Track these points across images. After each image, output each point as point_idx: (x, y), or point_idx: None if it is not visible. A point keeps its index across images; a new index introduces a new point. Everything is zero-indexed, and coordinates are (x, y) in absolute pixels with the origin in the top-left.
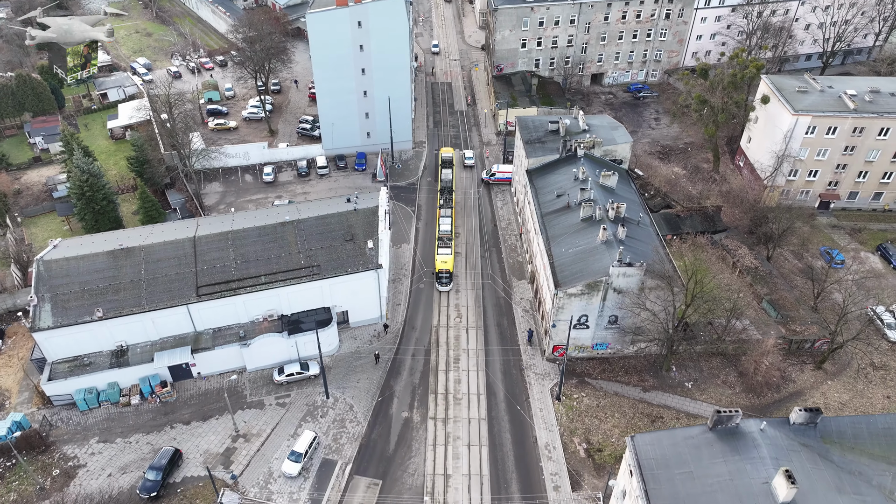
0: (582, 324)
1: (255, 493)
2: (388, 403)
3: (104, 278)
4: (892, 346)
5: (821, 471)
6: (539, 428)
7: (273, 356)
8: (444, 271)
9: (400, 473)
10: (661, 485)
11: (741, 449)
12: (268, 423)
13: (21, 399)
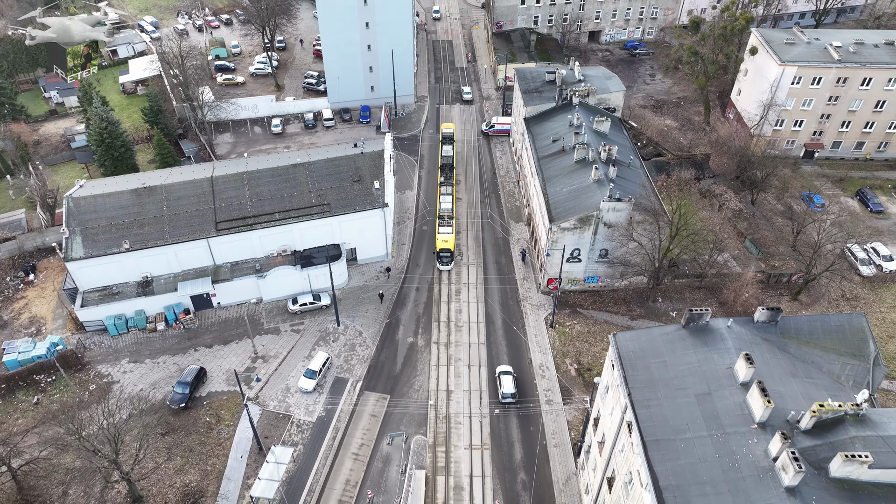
0: (574, 257)
1: (275, 406)
2: (394, 330)
3: (129, 214)
4: (864, 280)
5: (778, 359)
6: (534, 351)
7: (287, 288)
8: (444, 250)
9: (406, 389)
10: (638, 372)
11: (710, 342)
12: (284, 347)
13: (56, 325)
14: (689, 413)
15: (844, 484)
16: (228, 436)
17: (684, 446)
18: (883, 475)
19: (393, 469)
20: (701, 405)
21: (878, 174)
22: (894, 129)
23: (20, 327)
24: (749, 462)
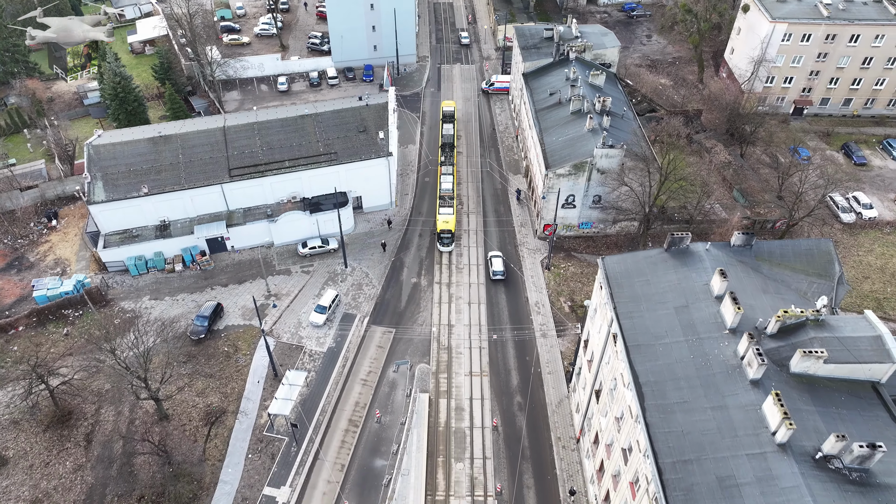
0: (569, 203)
1: (288, 338)
2: (398, 272)
3: (146, 161)
4: (844, 227)
5: (751, 278)
6: (530, 290)
7: (297, 233)
8: (445, 231)
9: (410, 324)
10: (623, 290)
11: (689, 263)
12: (295, 286)
13: (79, 266)
14: (667, 322)
15: (803, 378)
16: (246, 363)
17: (662, 350)
18: (837, 370)
19: (399, 393)
20: (679, 316)
21: (865, 130)
22: (881, 86)
23: (46, 268)
24: (720, 361)
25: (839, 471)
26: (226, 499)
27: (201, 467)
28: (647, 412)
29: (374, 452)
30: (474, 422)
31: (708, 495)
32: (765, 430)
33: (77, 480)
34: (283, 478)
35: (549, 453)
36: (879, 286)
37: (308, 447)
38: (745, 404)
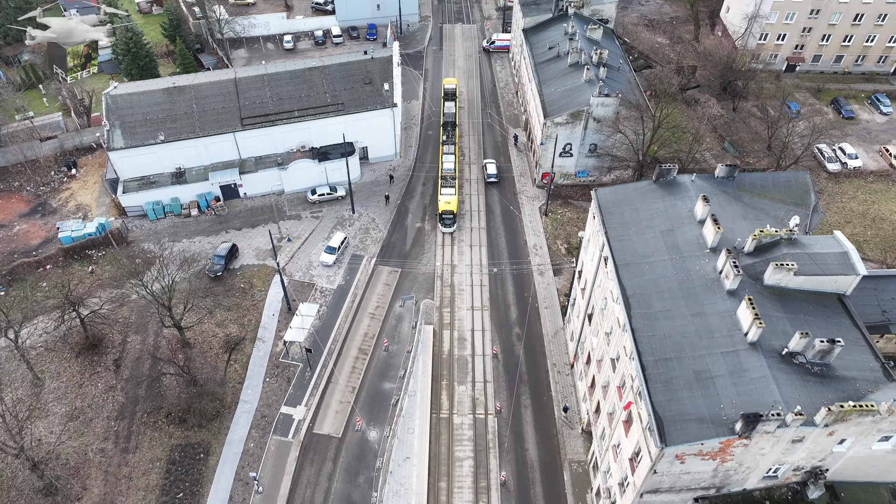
0: (566, 152)
1: (300, 276)
2: (403, 217)
3: (162, 110)
4: (829, 176)
5: (733, 206)
6: (528, 234)
7: (306, 180)
8: (447, 212)
9: (415, 264)
10: (614, 217)
11: (675, 192)
12: (305, 230)
13: (99, 211)
14: (654, 244)
15: (775, 290)
16: (261, 298)
17: (648, 267)
18: (806, 282)
19: (405, 325)
20: (664, 238)
21: (855, 86)
22: (871, 43)
23: (68, 213)
24: (700, 276)
25: (802, 365)
26: (246, 416)
27: (223, 388)
28: (634, 320)
29: (383, 377)
30: (475, 350)
31: (685, 386)
32: (738, 332)
33: (109, 399)
34: (299, 398)
35: (544, 378)
36: (860, 230)
37: (321, 372)
38: (722, 311)
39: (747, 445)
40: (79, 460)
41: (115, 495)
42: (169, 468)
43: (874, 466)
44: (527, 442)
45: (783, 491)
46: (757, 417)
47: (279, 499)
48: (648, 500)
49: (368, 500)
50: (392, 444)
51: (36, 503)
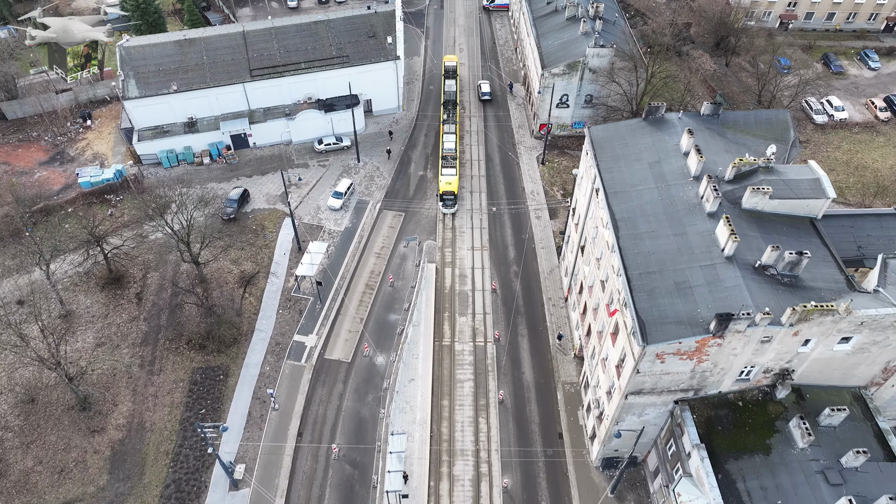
0: (563, 103)
1: (309, 219)
2: (406, 166)
3: (174, 61)
4: (816, 127)
5: (717, 141)
6: (526, 181)
7: (313, 131)
8: (448, 193)
9: (418, 209)
10: (605, 151)
11: (663, 129)
12: (313, 177)
13: (115, 160)
14: (642, 174)
15: (752, 214)
16: (272, 239)
17: (636, 195)
18: (781, 205)
19: (409, 263)
20: (652, 169)
21: (846, 43)
22: (862, 0)
23: (86, 161)
24: (683, 201)
25: (773, 276)
26: (262, 343)
27: (239, 319)
28: (621, 240)
29: (389, 309)
30: (475, 286)
31: (666, 294)
32: (716, 248)
33: (133, 328)
34: (310, 328)
35: (540, 310)
36: (843, 177)
37: (331, 305)
38: (702, 231)
39: (721, 345)
40: (108, 381)
41: (143, 411)
42: (191, 388)
43: (836, 370)
44: (523, 366)
45: (754, 393)
46: (729, 317)
47: (294, 415)
48: (633, 401)
49: (377, 416)
50: (398, 367)
51: (72, 417)
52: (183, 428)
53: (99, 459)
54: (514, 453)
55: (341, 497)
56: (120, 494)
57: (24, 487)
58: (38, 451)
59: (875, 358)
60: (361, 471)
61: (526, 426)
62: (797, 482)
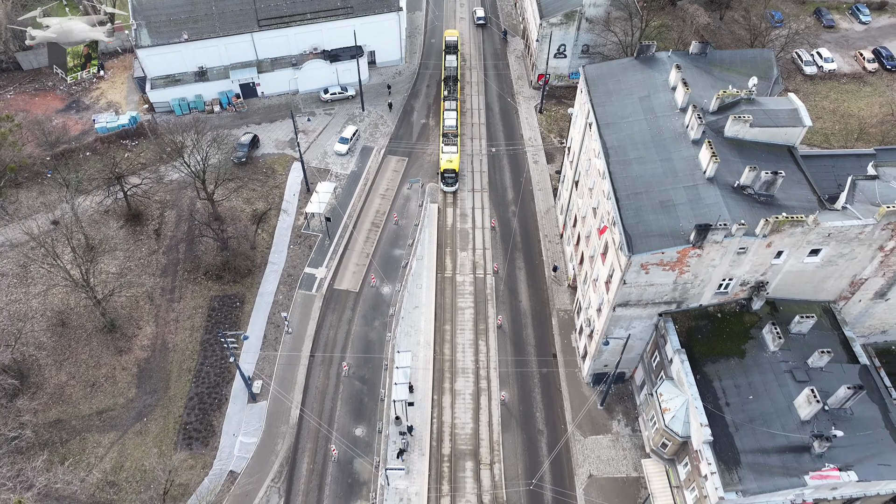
0: (560, 53)
1: (316, 164)
2: (409, 114)
3: (184, 11)
4: (806, 78)
5: (704, 78)
6: (524, 128)
7: (319, 81)
8: (449, 171)
9: (420, 154)
10: (598, 87)
11: (653, 66)
12: (320, 125)
13: (129, 108)
14: (632, 107)
15: (734, 141)
16: (282, 180)
17: (626, 126)
18: (760, 133)
19: (412, 204)
20: (642, 103)
21: None
22: None
23: (100, 109)
24: (670, 130)
25: (751, 195)
26: (274, 274)
27: (253, 252)
28: (611, 166)
29: (394, 245)
30: (475, 224)
31: (651, 212)
32: (698, 171)
33: (152, 261)
34: (320, 261)
35: (537, 246)
36: (829, 124)
37: (339, 241)
38: (686, 156)
39: (700, 256)
40: (132, 307)
41: (165, 333)
42: (210, 313)
43: (807, 283)
44: (520, 295)
45: (732, 306)
46: (707, 227)
47: (306, 338)
48: (620, 313)
49: (383, 339)
50: (403, 296)
51: (100, 338)
52: (203, 348)
53: (127, 375)
54: (511, 371)
55: (351, 409)
56: (147, 405)
57: (59, 398)
58: (70, 367)
59: (842, 271)
60: (370, 386)
61: (522, 348)
62: (767, 380)
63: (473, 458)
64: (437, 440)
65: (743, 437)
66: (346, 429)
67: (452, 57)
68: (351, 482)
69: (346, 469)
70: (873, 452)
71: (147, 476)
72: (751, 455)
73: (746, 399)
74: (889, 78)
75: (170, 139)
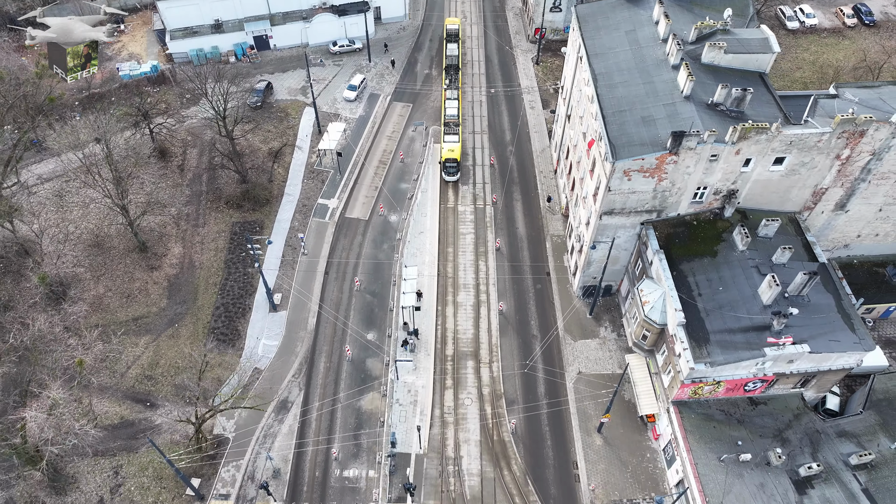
0: (556, 6)
1: (326, 109)
2: (413, 65)
3: None
4: (788, 32)
5: (685, 15)
6: (522, 78)
7: (328, 34)
8: (450, 160)
9: (423, 101)
10: (588, 24)
11: (639, 4)
12: (329, 74)
13: (150, 59)
14: (619, 40)
15: (710, 67)
16: (295, 122)
17: (613, 55)
18: (734, 59)
19: (417, 144)
20: (627, 36)
21: None
22: None
23: (123, 60)
24: (652, 58)
25: (723, 111)
26: (290, 204)
27: (270, 185)
28: (599, 89)
29: (400, 179)
30: (475, 161)
31: (633, 125)
32: (677, 91)
33: (177, 192)
34: (332, 193)
35: (532, 181)
36: (808, 74)
37: (349, 176)
38: (666, 79)
39: (676, 162)
40: (160, 232)
41: (192, 253)
42: (232, 237)
43: (774, 192)
44: (517, 222)
45: (707, 214)
46: (682, 133)
47: (321, 259)
48: (606, 222)
49: (392, 259)
50: (409, 222)
51: (133, 257)
52: (227, 266)
53: (158, 288)
54: (509, 287)
55: (363, 318)
56: (178, 314)
57: (98, 307)
58: (107, 281)
59: (805, 181)
60: (380, 299)
61: (519, 267)
62: (735, 274)
63: (474, 357)
64: (441, 343)
65: (712, 321)
66: (359, 334)
67: (454, 45)
68: (364, 377)
69: (360, 366)
70: (826, 331)
71: (181, 371)
72: (719, 335)
73: (717, 290)
74: (867, 32)
75: (192, 82)
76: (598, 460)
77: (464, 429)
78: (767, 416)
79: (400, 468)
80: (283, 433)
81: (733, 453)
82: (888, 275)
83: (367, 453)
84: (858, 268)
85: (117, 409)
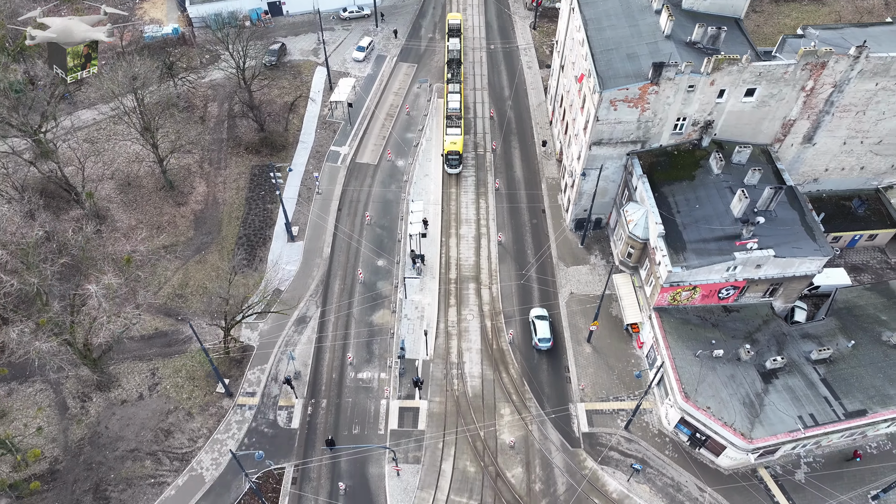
0: None
1: (336, 68)
2: (418, 29)
3: None
4: (771, 1)
5: None
6: (520, 41)
7: (337, 1)
8: (453, 153)
9: (427, 62)
10: None
11: None
12: (339, 38)
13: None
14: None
15: (689, 13)
16: (308, 79)
17: (602, 3)
18: (712, 6)
19: (422, 99)
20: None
21: None
22: None
23: (145, 24)
24: (637, 4)
25: (700, 49)
26: (305, 150)
27: (286, 134)
28: (589, 32)
29: (406, 130)
30: (476, 114)
31: (619, 61)
32: (659, 32)
33: (200, 140)
34: (343, 141)
35: (529, 131)
36: None
37: (359, 127)
38: (650, 22)
39: (657, 93)
40: (185, 174)
41: (215, 192)
42: (251, 178)
43: (746, 124)
44: (515, 167)
45: (686, 145)
46: (661, 64)
47: (334, 198)
48: (595, 152)
49: (399, 198)
50: (415, 167)
51: (161, 195)
52: (248, 203)
53: (185, 221)
54: (507, 221)
55: (374, 247)
56: (204, 243)
57: (131, 236)
58: (138, 215)
59: (774, 112)
60: (388, 231)
61: (516, 205)
62: (710, 194)
63: (475, 281)
64: (445, 268)
65: (689, 233)
66: (370, 260)
67: (455, 40)
68: (375, 296)
69: (371, 287)
70: (790, 240)
71: (208, 291)
72: (694, 244)
73: (693, 208)
74: (846, 0)
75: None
76: (587, 365)
77: (466, 339)
78: (739, 321)
79: (408, 371)
80: (303, 342)
81: (708, 350)
82: (854, 207)
83: (379, 359)
84: (827, 201)
85: (152, 321)
